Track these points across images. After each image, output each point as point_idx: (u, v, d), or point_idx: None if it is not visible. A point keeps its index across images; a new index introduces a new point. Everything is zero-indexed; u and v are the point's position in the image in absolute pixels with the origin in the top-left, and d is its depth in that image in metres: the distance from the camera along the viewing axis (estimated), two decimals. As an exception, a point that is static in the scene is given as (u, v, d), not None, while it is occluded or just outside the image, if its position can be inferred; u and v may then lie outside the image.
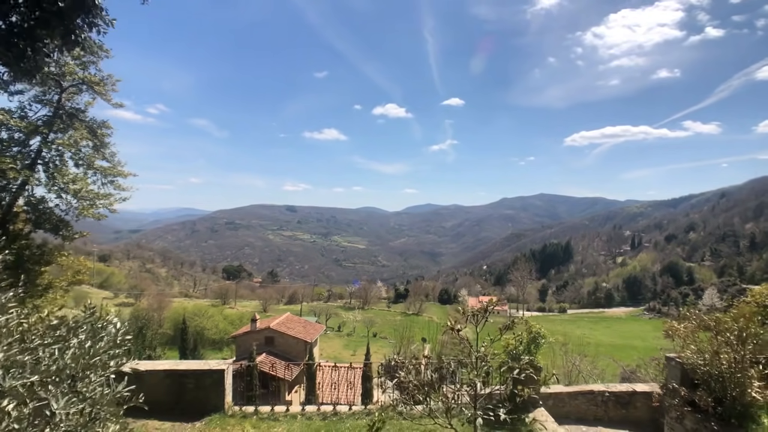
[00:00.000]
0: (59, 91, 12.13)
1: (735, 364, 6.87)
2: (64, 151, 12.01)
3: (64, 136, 12.00)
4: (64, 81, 12.08)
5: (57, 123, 12.01)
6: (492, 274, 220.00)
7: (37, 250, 11.91)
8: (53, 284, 12.65)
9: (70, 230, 12.00)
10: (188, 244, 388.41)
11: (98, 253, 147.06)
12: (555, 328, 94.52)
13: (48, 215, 11.72)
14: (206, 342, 57.10)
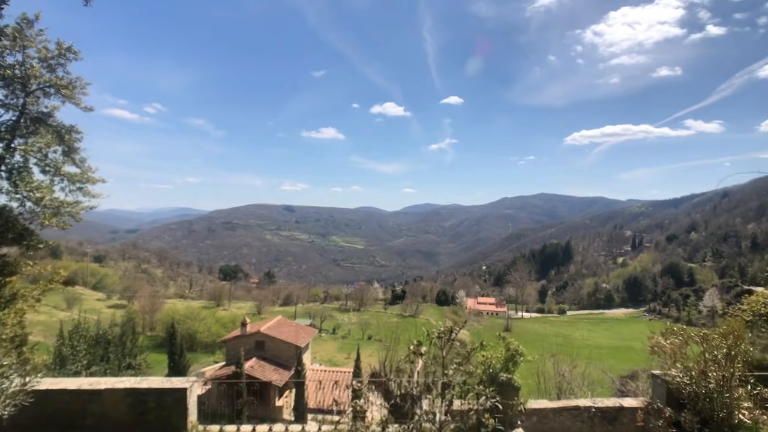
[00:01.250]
0: (24, 94, 11.65)
1: (723, 384, 6.54)
2: (28, 158, 11.54)
3: (27, 141, 11.53)
4: (29, 84, 11.61)
5: (21, 128, 11.53)
6: (491, 275, 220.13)
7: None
8: (21, 294, 12.16)
9: (35, 239, 11.55)
10: (185, 244, 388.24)
11: (94, 253, 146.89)
12: (554, 329, 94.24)
13: (11, 224, 11.27)
14: (198, 345, 56.73)
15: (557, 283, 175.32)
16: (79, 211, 11.94)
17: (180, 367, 28.28)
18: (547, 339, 79.24)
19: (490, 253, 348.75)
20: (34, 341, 36.48)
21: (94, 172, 12.46)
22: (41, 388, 8.53)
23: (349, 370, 35.43)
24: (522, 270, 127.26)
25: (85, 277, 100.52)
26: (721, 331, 7.03)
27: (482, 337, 48.02)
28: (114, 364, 18.37)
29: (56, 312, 65.32)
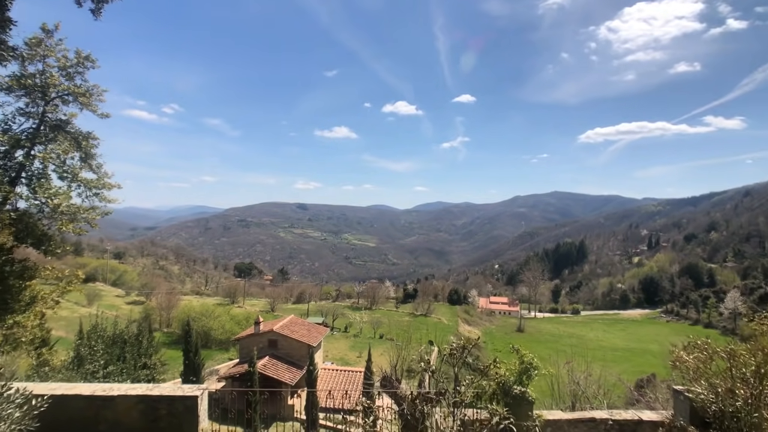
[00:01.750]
0: (44, 103, 11.87)
1: (751, 403, 6.23)
2: (47, 164, 11.77)
3: (46, 148, 11.75)
4: (48, 92, 11.81)
5: (40, 136, 11.76)
6: (504, 274, 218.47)
7: (18, 265, 11.70)
8: (41, 297, 12.45)
9: (53, 244, 11.77)
10: (202, 242, 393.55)
11: (114, 250, 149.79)
12: (568, 330, 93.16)
13: (31, 229, 11.50)
14: (213, 342, 57.41)
15: (571, 282, 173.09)
16: (95, 217, 12.13)
17: (195, 365, 28.57)
18: (561, 339, 78.33)
19: (503, 252, 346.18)
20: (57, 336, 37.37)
21: (110, 177, 12.66)
22: (57, 393, 8.65)
23: (361, 370, 35.48)
24: (535, 269, 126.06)
25: (105, 274, 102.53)
26: (749, 347, 6.75)
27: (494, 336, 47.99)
28: (130, 364, 18.66)
29: (78, 308, 66.82)
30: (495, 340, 77.46)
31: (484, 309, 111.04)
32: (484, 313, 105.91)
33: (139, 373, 18.71)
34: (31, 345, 12.62)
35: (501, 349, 69.54)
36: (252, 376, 27.56)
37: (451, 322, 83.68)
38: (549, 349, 64.99)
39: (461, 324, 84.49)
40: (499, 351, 68.25)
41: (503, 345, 72.73)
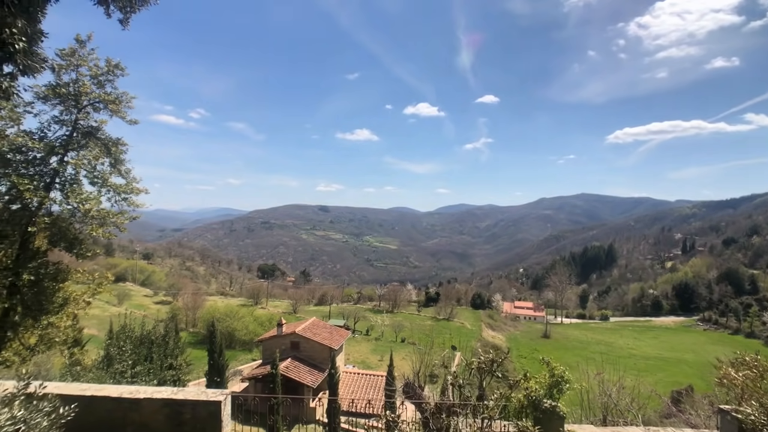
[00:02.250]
0: (76, 110, 12.26)
1: None
2: (79, 170, 12.15)
3: (78, 154, 12.13)
4: (80, 100, 12.19)
5: (73, 142, 12.15)
6: (528, 278, 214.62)
7: (52, 267, 12.09)
8: (73, 298, 12.84)
9: (84, 248, 12.13)
10: (227, 243, 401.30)
11: (143, 251, 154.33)
12: (596, 336, 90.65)
13: (63, 233, 11.88)
14: (237, 343, 58.30)
15: (599, 287, 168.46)
16: (124, 221, 12.46)
17: (219, 366, 28.99)
18: (589, 347, 76.28)
19: (528, 256, 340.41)
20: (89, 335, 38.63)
21: (138, 182, 12.97)
22: (87, 394, 8.83)
23: (383, 374, 35.29)
24: (561, 273, 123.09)
25: (135, 274, 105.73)
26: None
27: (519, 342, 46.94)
28: (157, 364, 19.03)
29: (108, 307, 69.00)
30: (520, 346, 76.07)
31: (509, 314, 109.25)
32: (509, 318, 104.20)
33: (165, 374, 19.04)
34: (64, 345, 13.04)
35: (526, 356, 68.22)
36: (274, 378, 27.79)
37: (475, 327, 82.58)
38: (576, 356, 63.34)
39: (485, 329, 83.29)
40: (524, 357, 66.96)
41: (528, 351, 71.34)
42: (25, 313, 11.58)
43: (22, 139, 11.48)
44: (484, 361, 5.78)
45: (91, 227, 11.83)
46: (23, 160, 11.52)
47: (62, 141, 12.06)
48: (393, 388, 28.14)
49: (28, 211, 11.56)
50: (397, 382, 30.74)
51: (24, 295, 11.39)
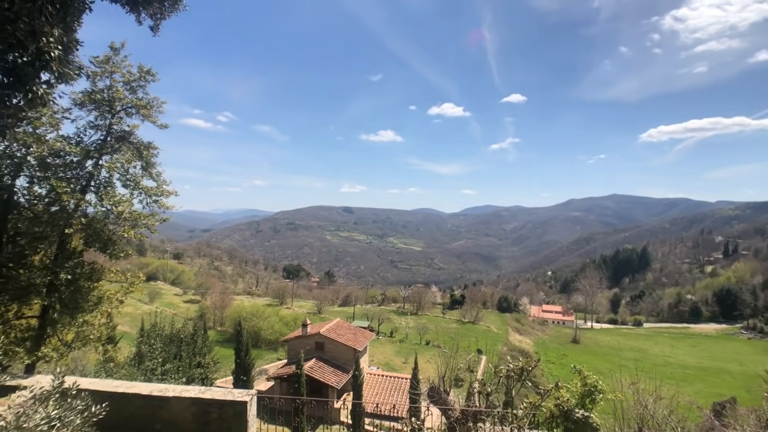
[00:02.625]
0: (110, 116, 12.71)
1: None
2: (112, 173, 12.59)
3: (112, 158, 12.56)
4: (114, 106, 12.63)
5: (107, 146, 12.60)
6: (557, 281, 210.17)
7: (87, 267, 12.54)
8: (107, 297, 13.30)
9: (117, 249, 12.54)
10: (253, 243, 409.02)
11: (173, 251, 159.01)
12: (629, 342, 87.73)
13: (98, 234, 12.31)
14: (263, 342, 59.26)
15: (632, 291, 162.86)
16: (154, 223, 12.83)
17: (245, 365, 29.48)
18: (621, 353, 73.89)
19: (556, 258, 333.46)
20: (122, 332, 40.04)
21: (168, 185, 13.33)
22: (119, 390, 9.09)
23: (407, 377, 35.13)
24: (592, 276, 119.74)
25: (165, 274, 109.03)
26: None
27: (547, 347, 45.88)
28: (185, 362, 19.53)
29: (140, 305, 71.31)
30: (548, 350, 74.39)
31: (536, 318, 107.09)
32: (536, 322, 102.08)
33: (193, 372, 19.51)
34: (98, 342, 13.50)
35: (554, 361, 66.67)
36: (299, 378, 28.06)
37: (501, 331, 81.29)
38: (608, 362, 61.44)
39: (511, 333, 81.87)
40: (552, 362, 65.46)
41: (557, 356, 69.72)
42: (62, 311, 12.05)
43: (60, 144, 11.97)
44: (513, 369, 5.58)
45: (124, 228, 12.23)
46: (61, 163, 12.00)
47: (97, 145, 12.52)
48: (418, 392, 27.95)
49: (65, 213, 12.05)
50: (422, 386, 30.56)
51: (62, 294, 11.86)
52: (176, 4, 8.67)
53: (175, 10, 8.77)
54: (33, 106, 5.73)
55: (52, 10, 5.47)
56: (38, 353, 11.75)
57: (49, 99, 5.99)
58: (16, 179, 11.86)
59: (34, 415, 4.05)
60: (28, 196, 12.23)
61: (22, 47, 5.24)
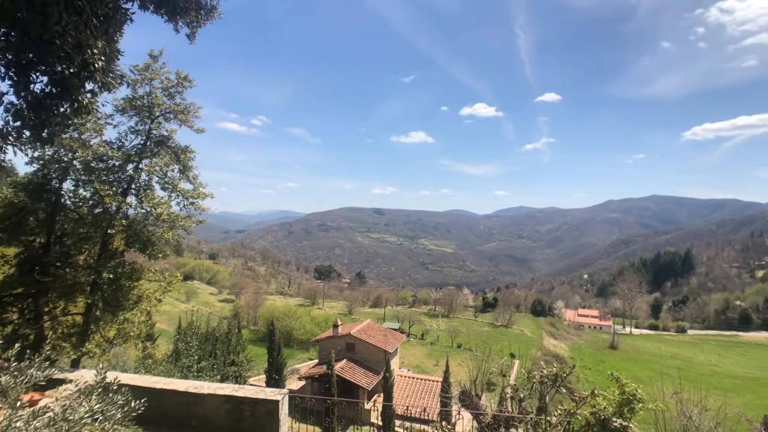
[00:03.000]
0: (150, 121, 13.25)
1: None
2: (152, 177, 13.11)
3: (151, 162, 13.09)
4: (153, 111, 13.16)
5: (147, 151, 13.13)
6: (594, 285, 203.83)
7: (128, 267, 13.10)
8: (146, 296, 13.86)
9: (156, 249, 13.05)
10: (285, 244, 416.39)
11: (209, 251, 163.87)
12: (672, 350, 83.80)
13: (138, 235, 12.85)
14: (294, 342, 60.17)
15: (674, 297, 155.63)
16: (191, 225, 13.29)
17: (277, 364, 29.98)
18: (663, 360, 70.64)
19: (593, 261, 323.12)
20: (160, 329, 41.68)
21: (204, 187, 13.78)
22: (157, 387, 9.42)
23: (438, 380, 34.83)
24: (631, 280, 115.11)
25: (201, 273, 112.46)
26: None
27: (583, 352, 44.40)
28: (220, 360, 20.07)
29: (178, 303, 73.88)
30: (584, 356, 72.05)
31: (572, 322, 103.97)
32: (572, 327, 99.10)
33: (227, 370, 20.02)
34: (138, 339, 14.08)
35: (591, 367, 64.49)
36: (330, 378, 28.30)
37: (535, 335, 79.38)
38: (648, 370, 58.91)
39: (546, 337, 79.81)
40: (588, 368, 63.35)
41: (593, 362, 67.45)
42: (105, 309, 12.65)
43: (104, 149, 12.59)
44: (547, 375, 5.41)
45: (162, 230, 12.74)
46: (104, 167, 12.62)
47: (137, 149, 13.10)
48: (449, 395, 27.68)
49: (108, 215, 12.66)
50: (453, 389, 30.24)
51: (104, 292, 12.46)
52: (212, 12, 8.95)
53: (211, 18, 9.06)
54: (78, 114, 6.02)
55: (96, 23, 5.73)
56: (83, 349, 12.36)
57: (93, 108, 6.29)
58: (63, 182, 12.55)
59: (79, 408, 4.21)
60: (74, 198, 12.93)
61: (69, 59, 5.52)
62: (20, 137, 5.56)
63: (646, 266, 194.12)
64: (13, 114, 5.46)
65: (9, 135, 5.40)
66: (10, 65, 5.20)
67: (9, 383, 3.97)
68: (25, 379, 4.11)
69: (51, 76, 5.59)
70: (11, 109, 5.48)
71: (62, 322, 13.14)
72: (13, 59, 5.14)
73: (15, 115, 5.47)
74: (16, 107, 5.53)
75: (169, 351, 19.33)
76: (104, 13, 5.90)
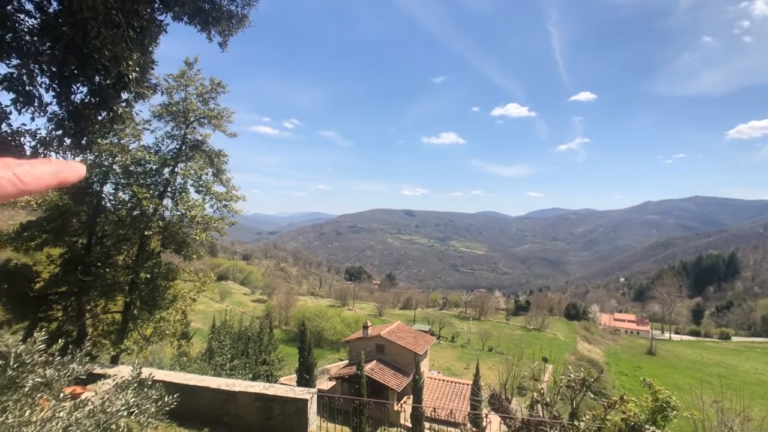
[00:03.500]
0: (185, 126, 13.75)
1: None
2: (187, 180, 13.60)
3: (186, 166, 13.58)
4: (188, 116, 13.66)
5: (182, 155, 13.63)
6: (631, 288, 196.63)
7: (164, 267, 13.62)
8: (181, 295, 14.36)
9: (190, 250, 13.52)
10: (316, 246, 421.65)
11: (242, 252, 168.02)
12: (714, 357, 79.85)
13: (173, 237, 13.35)
14: (325, 342, 60.79)
15: (717, 302, 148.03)
16: (224, 226, 13.71)
17: (308, 364, 30.37)
18: (705, 368, 67.37)
19: (630, 264, 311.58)
20: (195, 328, 43.02)
21: (237, 190, 14.19)
22: (191, 383, 9.78)
23: (468, 383, 34.43)
24: (670, 284, 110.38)
25: (235, 274, 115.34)
26: None
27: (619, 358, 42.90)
28: (252, 359, 20.54)
29: (212, 303, 76.00)
30: (620, 362, 69.55)
31: (608, 326, 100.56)
32: (607, 331, 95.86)
33: (259, 368, 20.47)
34: (173, 337, 14.61)
35: (627, 373, 62.22)
36: (360, 379, 28.44)
37: (569, 339, 77.24)
38: (688, 377, 56.29)
39: (580, 342, 77.51)
40: (624, 375, 61.13)
41: (630, 368, 65.04)
42: (142, 307, 13.21)
43: (141, 153, 13.16)
44: (575, 380, 5.29)
45: (197, 231, 13.21)
46: (142, 171, 13.19)
47: (173, 154, 13.63)
48: (478, 398, 27.34)
49: (145, 217, 13.22)
50: (483, 392, 29.85)
51: (141, 291, 13.01)
52: (242, 21, 9.26)
53: (242, 27, 9.36)
54: (114, 123, 6.35)
55: (132, 35, 6.04)
56: (122, 346, 12.94)
57: (128, 117, 6.62)
58: (103, 186, 13.20)
59: (116, 401, 4.42)
60: (113, 201, 13.58)
61: (107, 71, 5.85)
62: (62, 144, 5.91)
63: (687, 270, 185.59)
64: (56, 123, 5.83)
65: (52, 143, 5.76)
66: (54, 77, 5.55)
67: (53, 376, 4.21)
68: (67, 373, 4.35)
69: (90, 87, 5.93)
70: (54, 118, 5.85)
71: (102, 320, 13.80)
72: (56, 72, 5.48)
73: (57, 123, 5.83)
74: (58, 116, 5.90)
75: (203, 349, 19.97)
76: (140, 25, 6.20)
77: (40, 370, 4.11)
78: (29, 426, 3.50)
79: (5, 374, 3.82)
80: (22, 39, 5.28)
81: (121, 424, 4.25)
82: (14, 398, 3.73)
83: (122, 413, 4.40)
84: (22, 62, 5.17)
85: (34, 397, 3.86)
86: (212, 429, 8.97)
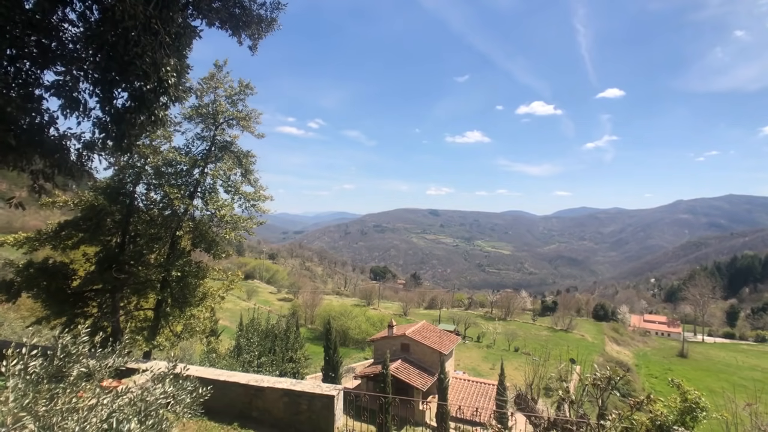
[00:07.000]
0: (214, 127, 14.11)
1: None
2: (216, 180, 13.95)
3: (216, 166, 13.93)
4: (218, 118, 14.02)
5: (211, 156, 13.99)
6: (661, 289, 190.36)
7: (194, 266, 14.02)
8: (210, 293, 14.75)
9: (219, 249, 13.87)
10: (341, 245, 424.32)
11: (268, 251, 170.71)
12: (749, 360, 76.68)
13: (203, 236, 13.72)
14: (350, 341, 61.18)
15: (754, 303, 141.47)
16: (251, 226, 14.02)
17: (334, 363, 30.69)
18: (740, 371, 64.75)
19: (660, 265, 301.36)
20: (223, 326, 44.03)
21: (264, 190, 14.50)
22: (221, 379, 10.05)
23: (494, 383, 34.08)
24: (703, 285, 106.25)
25: (261, 273, 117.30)
26: None
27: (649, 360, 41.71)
28: (279, 357, 20.91)
29: (239, 301, 77.56)
30: (650, 364, 67.49)
31: (637, 328, 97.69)
32: (637, 333, 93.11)
33: (285, 366, 20.81)
34: (203, 334, 15.04)
35: (657, 375, 60.40)
36: (385, 378, 28.55)
37: (597, 341, 75.41)
38: (722, 380, 54.13)
39: (608, 343, 75.58)
40: (654, 377, 59.32)
41: (660, 371, 63.06)
42: (173, 305, 13.65)
43: (172, 155, 13.59)
44: (600, 378, 5.22)
45: (225, 231, 13.56)
46: (173, 172, 13.62)
47: (203, 155, 14.02)
48: (504, 398, 27.03)
49: (176, 217, 13.63)
50: (509, 393, 29.50)
51: (173, 289, 13.44)
52: (272, 24, 9.47)
53: (271, 30, 9.58)
54: (155, 126, 6.63)
55: (168, 41, 6.29)
56: (154, 342, 13.39)
57: (167, 120, 6.90)
58: (136, 186, 13.67)
59: (154, 391, 4.63)
60: (145, 201, 14.04)
61: (147, 77, 6.12)
62: (105, 147, 6.21)
63: (721, 270, 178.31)
64: (99, 127, 6.14)
65: (96, 145, 6.06)
66: (97, 83, 5.84)
67: (95, 367, 4.44)
68: (107, 364, 4.59)
69: (130, 92, 6.23)
70: (97, 122, 6.16)
71: (135, 317, 14.30)
72: (99, 78, 5.77)
73: (101, 127, 6.14)
74: (101, 120, 6.21)
75: (231, 346, 20.45)
76: (175, 31, 6.45)
77: (84, 360, 4.35)
78: (75, 413, 3.72)
79: (53, 364, 4.06)
80: (66, 47, 5.59)
81: (160, 412, 4.45)
82: (62, 386, 3.97)
83: (160, 401, 4.60)
84: (66, 69, 5.49)
85: (78, 386, 4.10)
86: (241, 423, 9.19)
